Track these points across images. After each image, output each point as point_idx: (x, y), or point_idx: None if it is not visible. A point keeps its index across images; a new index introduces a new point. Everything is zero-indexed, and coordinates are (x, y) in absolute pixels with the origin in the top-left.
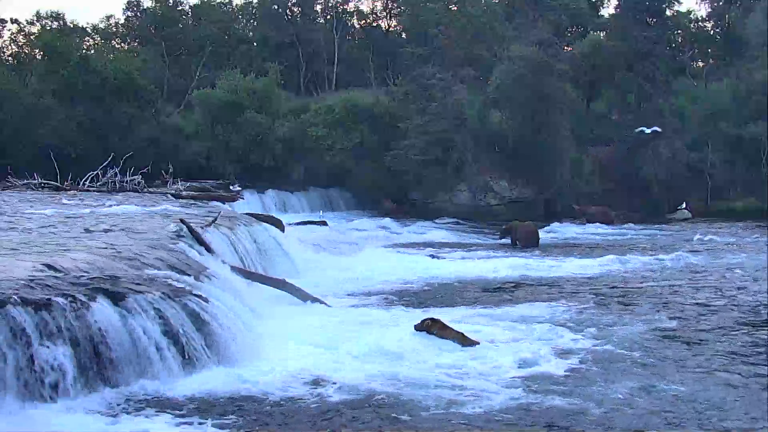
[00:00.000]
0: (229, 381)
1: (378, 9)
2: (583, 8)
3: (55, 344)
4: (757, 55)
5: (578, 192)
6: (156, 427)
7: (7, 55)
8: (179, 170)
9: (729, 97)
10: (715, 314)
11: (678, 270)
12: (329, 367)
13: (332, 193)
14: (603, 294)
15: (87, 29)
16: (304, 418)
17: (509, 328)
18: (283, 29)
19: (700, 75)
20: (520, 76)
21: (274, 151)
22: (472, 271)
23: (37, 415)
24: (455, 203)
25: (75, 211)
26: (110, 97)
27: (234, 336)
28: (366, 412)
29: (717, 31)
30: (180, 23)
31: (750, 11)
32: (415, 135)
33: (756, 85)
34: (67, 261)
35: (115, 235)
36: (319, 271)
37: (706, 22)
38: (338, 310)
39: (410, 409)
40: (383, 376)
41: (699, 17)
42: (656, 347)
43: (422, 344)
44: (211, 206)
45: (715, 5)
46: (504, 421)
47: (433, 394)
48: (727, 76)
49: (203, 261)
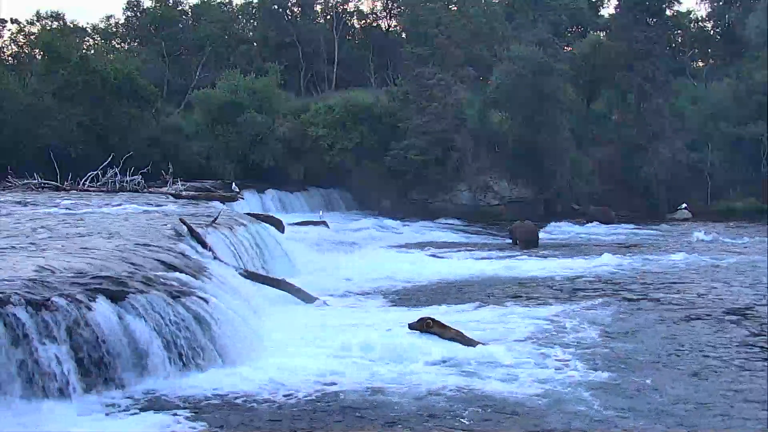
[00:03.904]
0: (229, 381)
1: (378, 9)
2: (583, 8)
3: (56, 344)
4: (757, 55)
5: (578, 192)
6: (155, 426)
7: (7, 55)
8: (179, 170)
9: (729, 97)
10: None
11: (678, 270)
12: (329, 367)
13: (332, 193)
14: (603, 294)
15: (87, 29)
16: (304, 417)
17: (510, 327)
18: (283, 29)
19: (700, 75)
20: (520, 76)
21: (274, 151)
22: (472, 270)
23: (38, 414)
24: (455, 203)
25: (75, 211)
26: (110, 97)
27: (234, 336)
28: (366, 412)
29: (717, 31)
30: (180, 23)
31: (750, 11)
32: (415, 135)
33: (756, 85)
34: (67, 261)
35: (114, 235)
36: (318, 271)
37: (706, 22)
38: (338, 309)
39: (411, 409)
40: (383, 376)
41: (699, 17)
42: (656, 347)
43: (422, 343)
44: (211, 206)
45: (715, 5)
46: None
47: (432, 393)
48: (727, 76)
49: (203, 261)
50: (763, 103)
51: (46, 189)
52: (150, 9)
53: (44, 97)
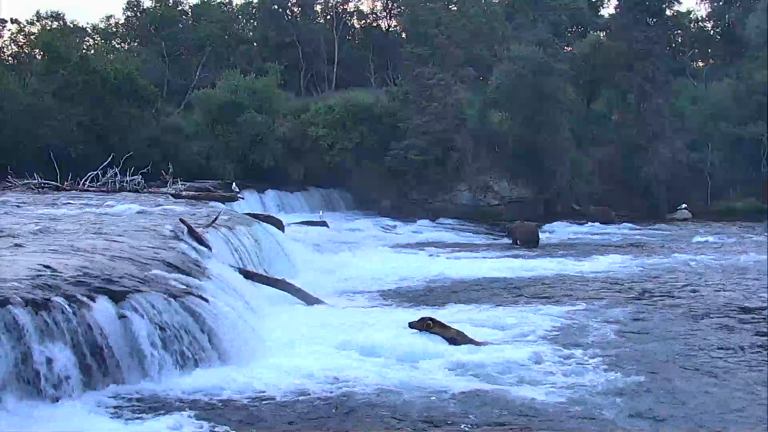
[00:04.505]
0: (229, 380)
1: (378, 9)
2: (583, 8)
3: (56, 344)
4: (757, 55)
5: (578, 192)
6: (156, 426)
7: (7, 55)
8: (179, 170)
9: (729, 97)
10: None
11: (681, 270)
12: (329, 367)
13: (332, 193)
14: (603, 293)
15: (87, 29)
16: (304, 417)
17: (510, 327)
18: (283, 29)
19: (700, 75)
20: (520, 76)
21: (274, 151)
22: (472, 270)
23: (38, 414)
24: (455, 203)
25: (75, 211)
26: (110, 97)
27: (234, 336)
28: (368, 412)
29: (717, 31)
30: (180, 23)
31: (750, 11)
32: (415, 135)
33: (756, 85)
34: (67, 261)
35: (114, 235)
36: (318, 271)
37: (706, 22)
38: (338, 309)
39: (411, 409)
40: (384, 376)
41: (699, 17)
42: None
43: (422, 343)
44: (211, 206)
45: (715, 5)
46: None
47: (432, 393)
48: (727, 76)
49: (203, 261)
50: (763, 103)
51: (46, 189)
52: (150, 9)
53: (44, 97)
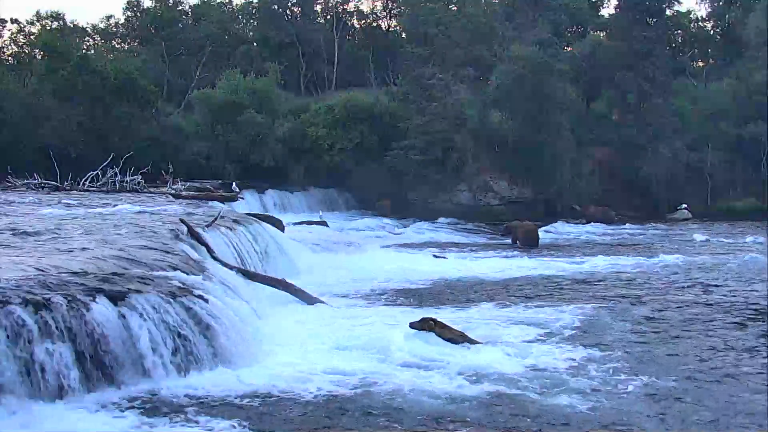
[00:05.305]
0: (229, 381)
1: (378, 9)
2: (583, 8)
3: (56, 344)
4: (757, 55)
5: (578, 192)
6: (156, 426)
7: (7, 55)
8: (179, 170)
9: (729, 97)
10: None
11: (683, 270)
12: (330, 367)
13: (332, 193)
14: (604, 293)
15: (87, 29)
16: (304, 418)
17: (510, 327)
18: (283, 29)
19: (700, 75)
20: (520, 76)
21: (274, 151)
22: (472, 270)
23: (38, 414)
24: (455, 203)
25: (74, 211)
26: (110, 97)
27: (234, 336)
28: (371, 412)
29: (717, 31)
30: (180, 23)
31: (750, 11)
32: (415, 135)
33: (756, 85)
34: (67, 261)
35: (115, 235)
36: (319, 271)
37: (706, 22)
38: (338, 310)
39: (411, 409)
40: (385, 375)
41: (699, 17)
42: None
43: (422, 343)
44: (211, 206)
45: (715, 5)
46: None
47: (432, 393)
48: (727, 76)
49: (203, 261)
50: (763, 103)
51: (46, 189)
52: (150, 9)
53: (44, 97)
